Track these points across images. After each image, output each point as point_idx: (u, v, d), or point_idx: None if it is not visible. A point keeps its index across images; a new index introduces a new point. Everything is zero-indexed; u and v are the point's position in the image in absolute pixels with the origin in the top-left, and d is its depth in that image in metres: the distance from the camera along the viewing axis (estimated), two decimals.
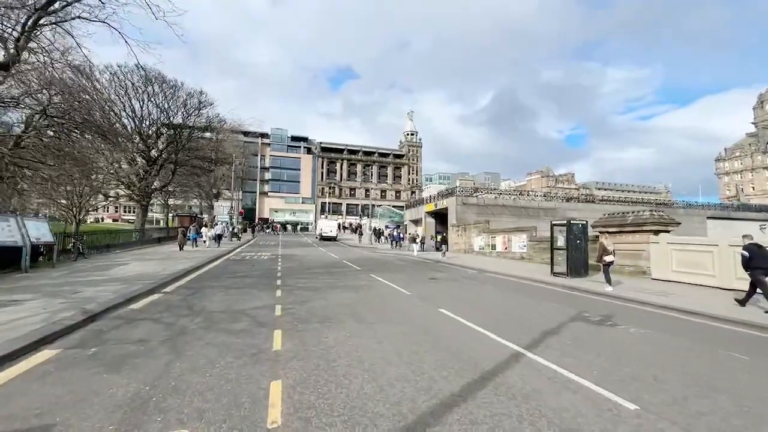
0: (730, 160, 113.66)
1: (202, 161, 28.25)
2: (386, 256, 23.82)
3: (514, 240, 22.36)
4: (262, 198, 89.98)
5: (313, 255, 22.94)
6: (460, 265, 18.28)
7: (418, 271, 15.49)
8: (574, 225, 14.13)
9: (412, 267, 17.43)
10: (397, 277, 13.00)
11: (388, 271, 15.35)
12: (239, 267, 15.55)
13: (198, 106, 25.60)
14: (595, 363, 4.74)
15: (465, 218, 31.17)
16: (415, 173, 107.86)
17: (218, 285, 10.64)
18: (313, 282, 11.58)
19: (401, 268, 16.57)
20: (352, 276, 13.29)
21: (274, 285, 10.77)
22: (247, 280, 11.84)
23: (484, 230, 26.31)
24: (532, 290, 11.26)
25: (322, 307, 7.79)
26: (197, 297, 8.76)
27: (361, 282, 11.77)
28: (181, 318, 6.69)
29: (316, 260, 19.41)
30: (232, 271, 13.98)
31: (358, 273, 14.24)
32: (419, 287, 10.93)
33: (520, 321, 7.03)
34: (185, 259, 17.13)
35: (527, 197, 33.98)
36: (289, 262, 17.92)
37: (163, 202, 37.25)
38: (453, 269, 17.00)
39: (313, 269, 15.26)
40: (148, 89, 24.36)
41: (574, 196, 35.79)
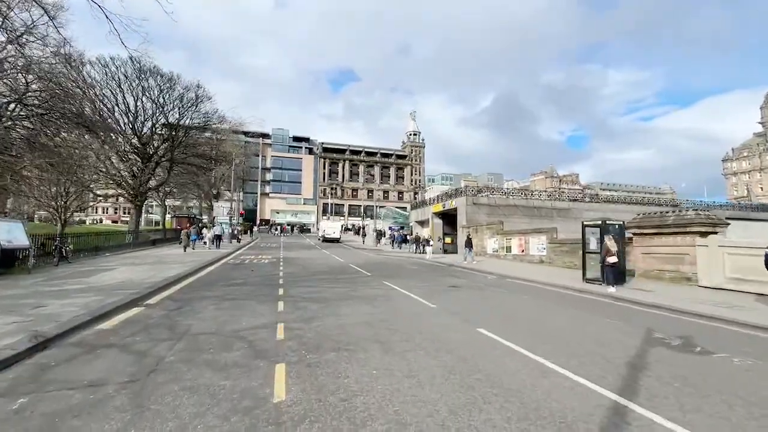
0: (737, 160, 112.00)
1: (200, 159, 26.86)
2: (394, 260, 22.37)
3: (532, 242, 20.89)
4: (263, 199, 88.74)
5: (316, 258, 21.52)
6: (477, 270, 16.82)
7: (435, 278, 14.04)
8: (610, 226, 12.65)
9: (427, 272, 15.98)
10: (413, 285, 11.55)
11: (402, 277, 13.90)
12: (237, 272, 14.13)
13: (195, 100, 24.29)
14: (744, 426, 3.28)
15: (475, 219, 29.72)
16: (418, 174, 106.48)
17: (211, 295, 9.20)
18: (321, 291, 10.14)
19: (415, 274, 15.13)
20: (363, 283, 11.85)
21: (276, 295, 9.33)
22: (245, 288, 10.41)
23: (498, 232, 24.84)
24: (573, 301, 9.79)
25: (334, 326, 6.34)
26: (184, 312, 7.33)
27: (374, 291, 10.32)
28: (157, 344, 5.26)
29: (321, 264, 17.98)
30: (228, 278, 12.55)
31: (369, 280, 12.80)
32: (442, 298, 9.47)
33: (585, 347, 5.57)
34: (179, 264, 15.72)
35: (540, 197, 32.49)
36: (292, 267, 16.50)
37: (160, 202, 35.90)
38: (471, 274, 15.55)
39: (319, 275, 13.82)
40: (143, 83, 23.04)
41: (588, 196, 34.28)
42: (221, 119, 26.10)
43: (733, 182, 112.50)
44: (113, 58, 21.93)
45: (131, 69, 22.71)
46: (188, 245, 22.62)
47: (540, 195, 32.63)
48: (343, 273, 14.70)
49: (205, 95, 24.40)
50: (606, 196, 35.23)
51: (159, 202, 36.41)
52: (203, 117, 25.33)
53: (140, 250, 22.71)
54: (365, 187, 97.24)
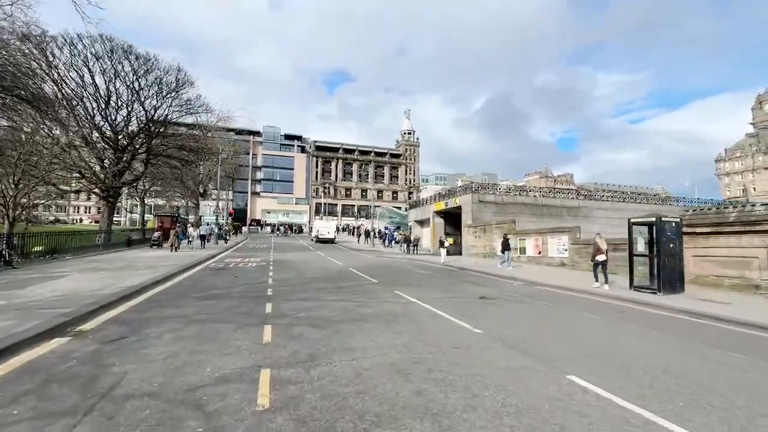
0: (730, 160, 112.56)
1: (183, 152, 24.24)
2: (398, 262, 20.15)
3: (551, 243, 18.86)
4: (254, 198, 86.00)
5: (311, 261, 19.19)
6: (496, 275, 14.70)
7: (454, 285, 11.85)
8: (666, 224, 10.59)
9: (440, 278, 13.79)
10: (435, 297, 9.34)
11: (415, 284, 11.68)
12: (217, 280, 11.76)
13: (175, 85, 21.71)
14: None
15: (482, 218, 27.70)
16: (412, 173, 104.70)
17: (175, 315, 6.88)
18: (321, 306, 7.86)
19: (428, 280, 12.92)
20: (372, 294, 9.60)
21: (262, 314, 7.05)
22: (224, 303, 8.08)
23: (509, 231, 22.76)
24: (639, 318, 7.69)
25: (350, 376, 4.08)
26: (125, 346, 5.01)
27: (390, 306, 8.09)
28: (40, 428, 2.96)
29: (317, 269, 15.67)
30: (205, 287, 10.20)
31: (377, 289, 10.55)
32: (481, 317, 7.27)
33: (749, 409, 3.41)
34: (149, 269, 13.30)
35: (549, 195, 30.59)
36: (284, 272, 14.18)
37: (139, 199, 33.01)
38: (492, 281, 13.41)
39: (316, 282, 11.52)
40: (116, 65, 20.45)
41: (597, 194, 32.49)
42: (205, 108, 23.65)
43: (726, 183, 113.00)
44: (80, 35, 19.39)
45: (102, 48, 20.15)
46: (178, 245, 22.04)
47: (549, 192, 30.69)
48: (344, 279, 12.42)
49: (186, 79, 21.85)
50: (618, 194, 33.49)
51: (137, 198, 33.45)
52: (185, 105, 22.81)
53: (112, 252, 20.12)
54: (359, 187, 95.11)
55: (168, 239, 24.03)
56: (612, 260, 15.55)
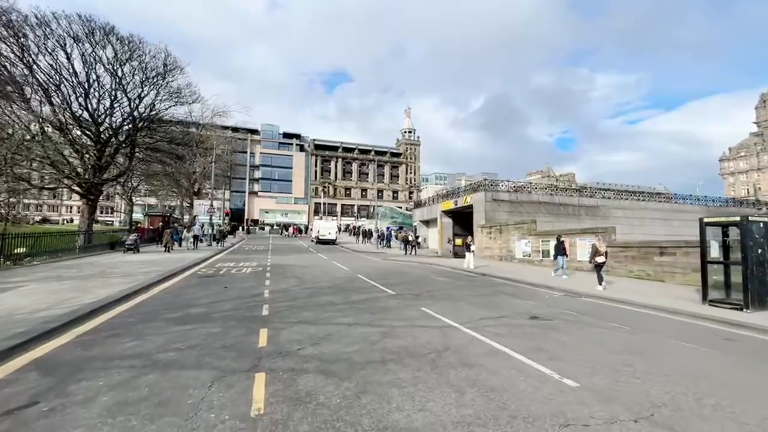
0: (734, 160, 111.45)
1: (172, 145, 22.11)
2: (410, 267, 18.19)
3: (580, 245, 16.90)
4: (252, 198, 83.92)
5: (313, 265, 17.20)
6: (527, 282, 12.75)
7: (490, 298, 9.88)
8: (753, 224, 8.61)
9: (467, 287, 11.82)
10: (475, 318, 7.38)
11: (442, 297, 9.70)
12: (203, 292, 9.75)
13: (163, 70, 19.61)
14: None
15: (495, 217, 25.81)
16: (413, 173, 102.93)
17: (130, 352, 4.90)
18: (333, 336, 5.87)
19: (455, 291, 10.95)
20: (394, 312, 7.62)
21: (253, 349, 5.08)
22: (204, 328, 6.09)
23: (529, 232, 20.86)
24: (748, 350, 5.75)
25: None
26: (24, 422, 3.04)
27: (423, 333, 6.11)
28: None
29: (322, 276, 13.67)
30: (186, 303, 8.20)
31: (399, 304, 8.56)
32: (552, 349, 5.32)
33: None
34: (125, 277, 11.30)
35: (566, 193, 28.69)
36: (283, 280, 12.18)
37: (126, 198, 30.83)
38: (527, 290, 11.46)
39: (323, 296, 9.52)
40: (97, 50, 18.38)
41: (616, 192, 30.61)
42: (197, 98, 21.54)
43: (731, 182, 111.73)
44: (56, 14, 17.35)
45: (81, 30, 18.09)
46: (172, 246, 21.67)
47: (566, 191, 28.78)
48: (355, 290, 10.43)
49: (175, 64, 19.77)
50: (637, 193, 31.63)
51: (125, 198, 31.22)
52: (174, 94, 20.74)
53: (91, 255, 18.08)
54: (359, 186, 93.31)
55: (161, 240, 22.12)
56: (657, 265, 13.71)
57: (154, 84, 20.13)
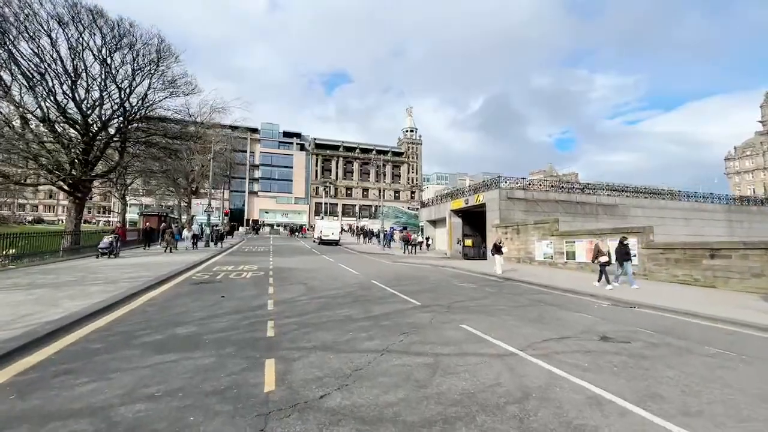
0: (740, 159, 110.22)
1: (166, 138, 20.52)
2: (426, 271, 16.71)
3: (612, 246, 15.38)
4: (252, 198, 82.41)
5: (320, 269, 15.70)
6: (562, 289, 11.27)
7: (533, 310, 8.39)
8: None
9: (501, 296, 10.33)
10: (536, 340, 5.89)
11: (478, 310, 8.19)
12: (195, 304, 8.24)
13: (156, 57, 18.06)
14: None
15: (510, 217, 24.34)
16: (415, 172, 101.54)
17: (80, 405, 3.40)
18: (364, 371, 4.37)
19: (489, 301, 9.46)
20: (430, 332, 6.13)
21: (258, 397, 3.58)
22: (190, 361, 4.59)
23: (551, 232, 19.38)
24: None
25: None
26: None
27: (480, 365, 4.62)
28: None
29: (331, 281, 12.17)
30: (171, 320, 6.69)
31: (432, 320, 7.06)
32: (671, 397, 3.84)
33: None
34: (106, 284, 9.80)
35: (584, 191, 27.21)
36: (288, 287, 10.69)
37: (120, 196, 29.22)
38: (568, 299, 9.97)
39: (337, 308, 8.01)
40: (84, 35, 16.86)
41: (634, 190, 29.14)
42: (194, 88, 19.97)
43: (736, 182, 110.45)
44: None
45: (67, 13, 16.59)
46: (174, 246, 20.86)
47: (584, 189, 27.30)
48: (374, 301, 8.93)
49: (169, 51, 18.19)
50: (656, 191, 30.16)
51: (118, 196, 29.59)
52: (169, 84, 19.23)
53: (77, 258, 16.56)
54: (360, 186, 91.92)
55: (148, 242, 20.64)
56: (707, 269, 12.24)
57: (148, 73, 18.59)
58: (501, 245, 15.03)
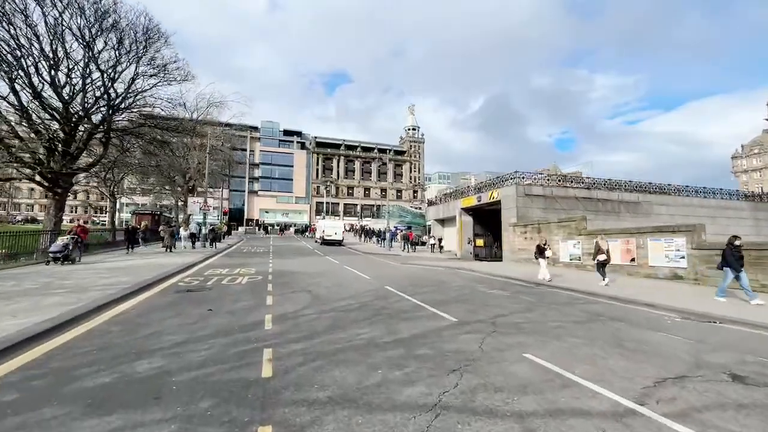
0: (748, 157, 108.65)
1: (156, 129, 18.72)
2: (437, 272, 15.01)
3: (653, 247, 13.70)
4: (251, 197, 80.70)
5: (327, 273, 13.98)
6: (612, 297, 9.57)
7: (597, 328, 6.68)
8: None
9: (549, 307, 8.61)
10: (637, 375, 4.19)
11: (530, 328, 6.46)
12: (172, 320, 6.52)
13: (144, 37, 16.23)
14: None
15: (528, 214, 22.67)
16: (417, 171, 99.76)
17: None
18: None
19: (536, 315, 7.75)
20: (487, 366, 4.42)
21: None
22: (143, 430, 2.91)
23: (579, 231, 17.68)
24: None
25: None
26: None
27: None
28: None
29: (341, 289, 10.45)
30: (132, 348, 4.97)
31: (481, 345, 5.32)
32: None
33: None
34: (73, 293, 8.11)
35: (604, 187, 25.50)
36: (290, 297, 8.97)
37: (108, 193, 27.41)
38: (630, 310, 8.25)
39: (353, 326, 6.28)
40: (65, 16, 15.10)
41: (657, 187, 27.39)
42: (185, 73, 18.19)
43: (744, 180, 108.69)
44: None
45: None
46: (173, 246, 20.76)
47: (604, 185, 25.58)
48: (397, 315, 7.21)
49: (156, 31, 16.41)
50: (681, 188, 28.41)
51: (107, 193, 27.73)
52: (159, 68, 17.50)
53: None
54: (362, 185, 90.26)
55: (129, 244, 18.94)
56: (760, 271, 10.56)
57: (135, 57, 16.85)
58: (546, 247, 13.25)
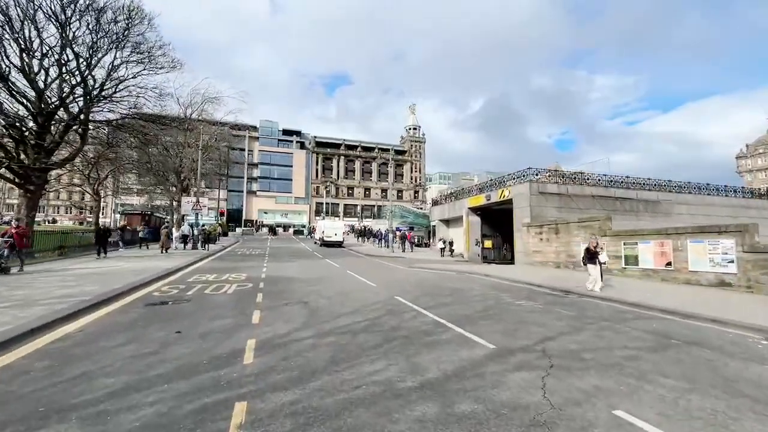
0: (753, 157, 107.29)
1: (140, 122, 17.11)
2: (449, 278, 13.44)
3: (694, 249, 12.14)
4: (250, 198, 79.24)
5: (326, 279, 12.41)
6: (659, 309, 8.02)
7: (688, 360, 5.12)
8: None
9: (610, 331, 7.07)
10: None
11: (601, 360, 4.90)
12: (124, 348, 4.94)
13: (125, 20, 14.58)
14: None
15: (543, 214, 21.14)
16: (418, 171, 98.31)
17: None
18: None
19: (596, 340, 6.21)
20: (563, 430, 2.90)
21: None
22: None
23: (603, 232, 16.13)
24: None
25: None
26: None
27: None
28: None
29: (344, 299, 8.88)
30: (40, 408, 3.43)
31: (547, 394, 3.77)
32: None
33: None
34: (14, 308, 6.55)
35: (622, 185, 23.97)
36: (282, 312, 7.39)
37: (92, 191, 25.76)
38: (701, 329, 6.70)
39: (362, 358, 4.70)
40: None
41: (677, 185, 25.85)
42: (172, 59, 16.59)
43: (749, 180, 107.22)
44: None
45: None
46: (169, 246, 20.82)
47: (622, 183, 24.05)
48: (416, 340, 5.67)
49: (138, 11, 14.65)
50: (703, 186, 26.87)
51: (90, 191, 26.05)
52: (146, 54, 15.90)
53: (31, 264, 13.32)
54: (362, 185, 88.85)
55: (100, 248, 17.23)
56: None
57: (116, 41, 15.30)
58: (598, 250, 10.98)
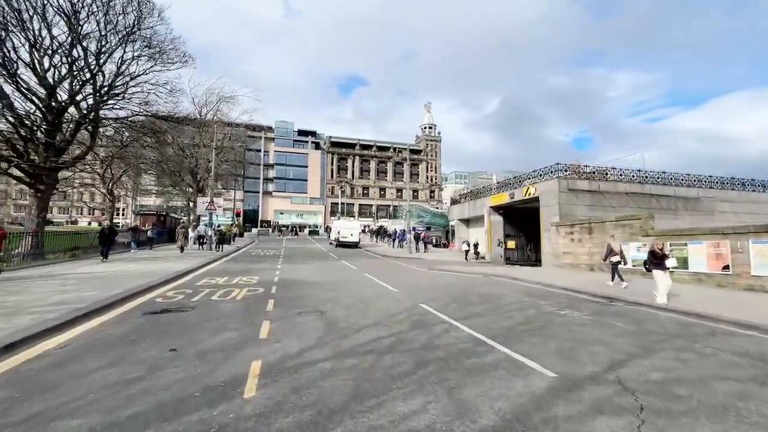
0: None
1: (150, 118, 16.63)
2: (475, 282, 12.33)
3: (756, 252, 10.71)
4: (266, 198, 79.46)
5: (344, 284, 11.50)
6: (727, 321, 6.76)
7: None
8: None
9: (696, 354, 5.88)
10: None
11: (707, 401, 3.79)
12: (101, 376, 4.11)
13: (135, 12, 14.08)
14: None
15: (572, 212, 19.79)
16: (434, 170, 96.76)
17: None
18: None
19: (682, 364, 5.06)
20: None
21: None
22: None
23: (645, 231, 14.71)
24: None
25: None
26: None
27: None
28: None
29: (365, 309, 7.92)
30: None
31: None
32: None
33: None
34: (3, 317, 5.88)
35: (659, 181, 22.29)
36: (295, 324, 6.48)
37: (106, 191, 25.60)
38: None
39: (392, 392, 3.74)
40: None
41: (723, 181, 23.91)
42: (183, 54, 16.10)
43: None
44: None
45: None
46: (186, 245, 21.38)
47: (659, 178, 22.37)
48: (454, 364, 4.66)
49: (145, 2, 14.09)
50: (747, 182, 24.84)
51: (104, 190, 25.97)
52: (157, 50, 15.43)
53: (31, 267, 12.92)
54: (377, 185, 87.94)
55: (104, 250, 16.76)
56: None
57: (125, 36, 14.84)
58: (666, 253, 9.43)
